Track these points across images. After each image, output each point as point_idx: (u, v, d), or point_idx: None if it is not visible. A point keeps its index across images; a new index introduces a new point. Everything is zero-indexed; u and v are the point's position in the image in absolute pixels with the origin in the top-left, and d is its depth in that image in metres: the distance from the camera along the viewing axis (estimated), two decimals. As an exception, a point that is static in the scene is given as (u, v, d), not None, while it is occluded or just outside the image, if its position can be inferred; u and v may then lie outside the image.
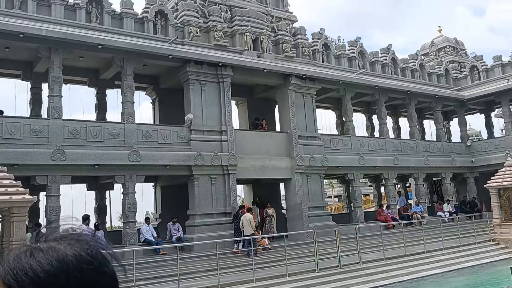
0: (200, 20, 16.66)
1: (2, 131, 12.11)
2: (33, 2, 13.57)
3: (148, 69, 15.84)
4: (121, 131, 13.78)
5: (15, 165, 11.83)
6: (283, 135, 17.47)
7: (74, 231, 0.95)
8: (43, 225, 13.16)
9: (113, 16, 15.02)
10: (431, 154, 22.27)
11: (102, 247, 0.87)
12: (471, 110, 26.38)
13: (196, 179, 14.82)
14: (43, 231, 3.52)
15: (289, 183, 17.23)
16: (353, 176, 19.24)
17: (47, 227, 7.73)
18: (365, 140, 20.24)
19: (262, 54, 17.45)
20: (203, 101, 15.58)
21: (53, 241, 0.86)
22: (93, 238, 0.89)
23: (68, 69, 14.31)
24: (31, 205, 9.93)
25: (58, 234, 0.89)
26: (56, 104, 12.99)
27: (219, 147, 15.40)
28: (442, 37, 29.85)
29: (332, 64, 20.11)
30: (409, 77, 23.14)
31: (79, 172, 13.29)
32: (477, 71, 24.80)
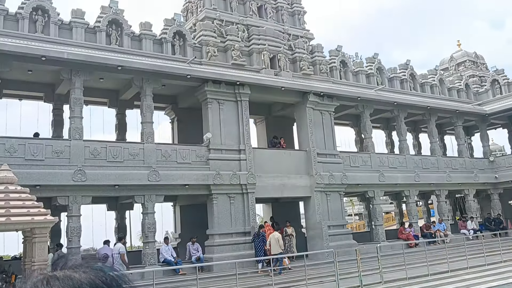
0: (217, 40, 16.82)
1: (25, 153, 12.31)
2: (55, 26, 13.90)
3: (166, 89, 16.00)
4: (140, 151, 13.89)
5: (37, 186, 12.01)
6: (302, 153, 17.39)
7: (92, 255, 0.97)
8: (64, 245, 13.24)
9: (132, 37, 15.27)
10: (453, 170, 21.89)
11: (117, 274, 0.91)
12: (493, 125, 25.92)
13: (215, 199, 14.80)
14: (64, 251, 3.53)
15: (308, 202, 17.08)
16: (374, 194, 18.98)
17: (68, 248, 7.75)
18: (385, 157, 20.01)
19: (279, 72, 17.50)
20: (222, 120, 15.64)
21: (69, 269, 0.89)
22: (107, 265, 0.93)
23: (89, 90, 14.53)
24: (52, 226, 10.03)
25: (75, 261, 0.92)
26: (77, 125, 13.18)
27: (237, 166, 15.39)
28: (461, 52, 29.55)
29: (350, 80, 20.05)
30: (428, 92, 22.90)
31: (99, 192, 13.39)
32: (498, 85, 24.45)
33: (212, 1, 17.77)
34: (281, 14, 19.36)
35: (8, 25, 13.26)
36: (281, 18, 19.31)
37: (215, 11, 17.58)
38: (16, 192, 9.49)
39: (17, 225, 8.99)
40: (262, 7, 18.93)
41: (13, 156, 12.08)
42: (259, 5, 18.85)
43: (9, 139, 12.28)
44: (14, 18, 13.42)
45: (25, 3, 13.59)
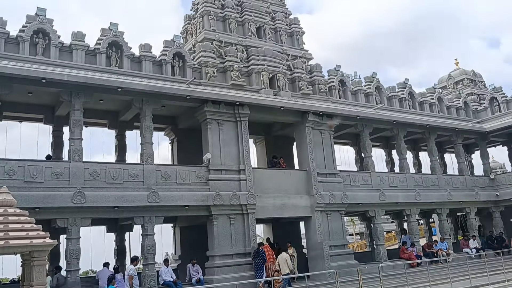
0: (217, 61, 16.94)
1: (25, 175, 12.27)
2: (55, 48, 13.99)
3: (166, 110, 16.06)
4: (140, 172, 13.85)
5: (37, 208, 11.95)
6: (302, 172, 17.35)
7: None
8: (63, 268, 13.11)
9: (132, 59, 15.38)
10: (453, 188, 21.82)
11: None
12: (493, 143, 25.92)
13: (215, 219, 14.71)
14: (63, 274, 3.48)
15: (309, 222, 16.97)
16: (374, 213, 18.87)
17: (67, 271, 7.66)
18: (385, 176, 19.95)
19: (278, 92, 17.58)
20: (221, 140, 15.64)
21: None
22: None
23: (89, 112, 14.56)
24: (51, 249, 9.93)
25: None
26: (76, 146, 13.17)
27: (237, 186, 15.34)
28: (459, 70, 29.76)
29: (349, 100, 20.13)
30: (427, 110, 22.98)
31: (99, 214, 13.30)
32: (497, 103, 24.55)
33: (212, 22, 17.95)
34: (279, 34, 19.54)
35: (9, 48, 13.36)
36: (279, 38, 19.48)
37: (214, 32, 17.74)
38: (15, 215, 9.41)
39: (15, 249, 8.89)
40: (261, 28, 19.12)
41: (12, 178, 12.04)
42: (258, 26, 19.04)
43: (8, 161, 12.25)
44: (15, 41, 13.53)
45: (26, 26, 13.71)
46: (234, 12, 18.69)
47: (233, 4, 18.92)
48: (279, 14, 20.00)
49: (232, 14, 18.51)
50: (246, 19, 18.72)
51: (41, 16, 13.99)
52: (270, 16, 19.79)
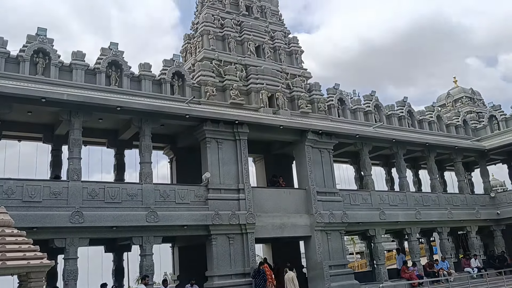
0: (216, 80, 17.02)
1: (23, 194, 12.19)
2: (55, 68, 14.07)
3: (165, 128, 16.06)
4: (138, 192, 13.77)
5: (34, 228, 11.84)
6: (301, 191, 17.27)
7: None
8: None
9: (131, 78, 15.45)
10: (454, 207, 21.70)
11: None
12: (493, 161, 25.88)
13: (214, 239, 14.59)
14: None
15: (308, 241, 16.83)
16: (375, 232, 18.73)
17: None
18: (385, 195, 19.86)
19: (278, 111, 17.62)
20: (220, 159, 15.60)
21: None
22: None
23: (88, 130, 14.57)
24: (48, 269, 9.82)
25: None
26: (75, 166, 13.12)
27: (236, 205, 15.26)
28: (458, 88, 29.89)
29: (348, 118, 20.18)
30: (426, 129, 23.02)
31: (97, 234, 13.18)
32: (496, 121, 24.61)
33: (211, 42, 18.09)
34: (278, 53, 19.67)
35: (9, 67, 13.43)
36: (278, 57, 19.60)
37: (213, 51, 17.87)
38: (12, 236, 9.32)
39: (12, 270, 8.78)
40: (260, 47, 19.26)
41: (10, 198, 11.95)
42: (257, 45, 19.18)
43: (7, 181, 12.17)
44: (15, 61, 13.61)
45: (27, 46, 13.80)
46: (233, 31, 18.85)
47: (232, 23, 19.08)
48: (278, 33, 20.17)
49: (232, 34, 18.66)
50: (245, 38, 18.87)
51: (42, 36, 14.10)
52: (269, 35, 19.95)
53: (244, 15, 19.88)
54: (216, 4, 19.56)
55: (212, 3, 19.46)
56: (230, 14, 19.54)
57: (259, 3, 20.80)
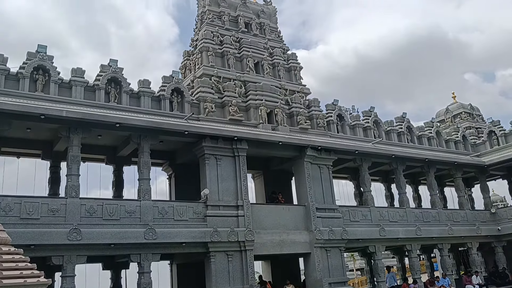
0: (215, 96, 17.07)
1: (21, 211, 12.12)
2: (55, 85, 14.11)
3: (164, 145, 16.06)
4: (137, 209, 13.71)
5: (32, 245, 11.77)
6: (301, 208, 17.18)
7: None
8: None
9: (131, 95, 15.48)
10: (454, 223, 21.57)
11: None
12: (492, 176, 25.78)
13: (212, 257, 14.47)
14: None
15: (308, 258, 16.69)
16: (375, 249, 18.58)
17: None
18: (385, 211, 19.74)
19: (277, 127, 17.63)
20: (219, 176, 15.55)
21: None
22: None
23: (87, 147, 14.57)
24: None
25: None
26: (73, 183, 13.08)
27: (235, 222, 15.17)
28: (457, 104, 29.95)
29: (347, 134, 20.18)
30: (426, 144, 23.02)
31: (95, 251, 13.09)
32: (495, 136, 24.59)
33: (210, 58, 18.18)
34: (277, 70, 19.76)
35: (9, 84, 13.46)
36: (277, 74, 19.69)
37: (212, 68, 17.95)
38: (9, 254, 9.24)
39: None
40: (259, 63, 19.36)
41: (8, 215, 11.89)
42: (256, 61, 19.27)
43: (5, 198, 12.12)
44: (15, 78, 13.64)
45: (27, 63, 13.85)
46: (232, 48, 18.96)
47: (231, 40, 19.20)
48: (277, 50, 20.29)
49: (231, 50, 18.77)
50: (244, 55, 18.97)
51: (42, 53, 14.16)
52: (268, 52, 20.06)
53: (243, 32, 20.01)
54: (215, 21, 19.72)
55: (212, 20, 19.61)
56: (229, 31, 19.67)
57: (258, 20, 20.97)
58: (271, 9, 22.07)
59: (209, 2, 20.07)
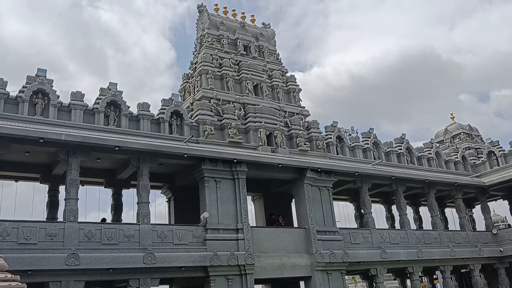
0: (214, 119, 17.09)
1: (18, 236, 11.99)
2: (54, 108, 14.12)
3: (163, 168, 15.99)
4: (136, 233, 13.57)
5: (29, 271, 11.64)
6: (301, 230, 17.03)
7: None
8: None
9: (130, 118, 15.49)
10: (456, 244, 21.38)
11: None
12: (493, 196, 25.68)
13: (212, 281, 14.27)
14: None
15: (309, 282, 16.48)
16: (376, 272, 18.37)
17: None
18: (386, 233, 19.57)
19: (276, 149, 17.60)
20: (219, 199, 15.46)
21: None
22: None
23: (85, 170, 14.49)
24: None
25: None
26: (72, 207, 12.97)
27: (235, 246, 15.01)
28: (455, 124, 30.02)
29: (347, 155, 20.15)
30: (426, 165, 22.98)
31: (93, 276, 12.89)
32: (494, 157, 24.59)
33: (209, 81, 18.26)
34: (276, 92, 19.84)
35: (8, 108, 13.48)
36: (276, 96, 19.76)
37: (212, 90, 18.01)
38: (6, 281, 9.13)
39: (4, 316, 8.56)
40: (258, 86, 19.44)
41: (5, 240, 11.78)
42: (255, 84, 19.36)
43: (2, 222, 11.99)
44: (15, 102, 13.67)
45: (26, 87, 13.89)
46: (231, 70, 19.06)
47: (230, 63, 19.32)
48: (275, 72, 20.40)
49: (230, 73, 18.87)
50: (243, 77, 19.06)
51: (41, 77, 14.21)
52: (267, 74, 20.18)
53: (242, 54, 20.15)
54: (214, 44, 19.86)
55: (211, 43, 19.76)
56: (228, 53, 19.80)
57: (257, 43, 21.13)
58: (269, 32, 22.28)
59: (208, 26, 20.26)
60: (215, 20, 20.65)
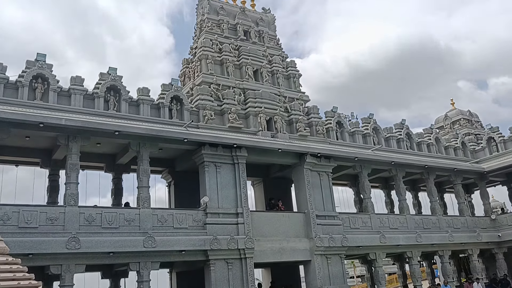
0: (214, 104, 17.06)
1: (19, 220, 12.04)
2: (54, 93, 14.09)
3: (163, 152, 16.02)
4: (136, 217, 13.64)
5: (30, 254, 11.69)
6: (301, 215, 17.12)
7: None
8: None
9: (130, 103, 15.47)
10: (455, 229, 21.50)
11: None
12: (492, 182, 25.75)
13: (212, 265, 14.39)
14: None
15: (308, 266, 16.61)
16: (375, 256, 18.50)
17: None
18: (385, 218, 19.67)
19: (276, 134, 17.61)
20: (219, 183, 15.51)
21: None
22: None
23: (86, 155, 14.52)
24: (43, 298, 9.65)
25: None
26: (72, 191, 13.02)
27: (235, 230, 15.10)
28: (455, 110, 29.99)
29: (347, 141, 20.16)
30: (425, 151, 23.00)
31: (93, 260, 13.00)
32: (494, 143, 24.58)
33: (209, 66, 18.19)
34: (276, 77, 19.77)
35: (8, 93, 13.45)
36: (276, 81, 19.70)
37: (212, 75, 17.95)
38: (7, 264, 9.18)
39: (6, 298, 8.65)
40: (258, 71, 19.37)
41: (6, 224, 11.82)
42: (255, 69, 19.28)
43: (3, 207, 12.05)
44: (14, 86, 13.63)
45: (26, 72, 13.85)
46: (231, 56, 18.98)
47: (230, 48, 19.23)
48: (275, 57, 20.31)
49: (230, 58, 18.79)
50: (243, 62, 18.99)
51: (41, 62, 14.15)
52: (267, 59, 20.09)
53: (242, 39, 20.05)
54: (214, 29, 19.75)
55: (210, 28, 19.65)
56: (228, 38, 19.70)
57: (257, 28, 21.01)
58: (269, 17, 22.13)
59: (208, 11, 20.12)
60: (215, 5, 20.50)
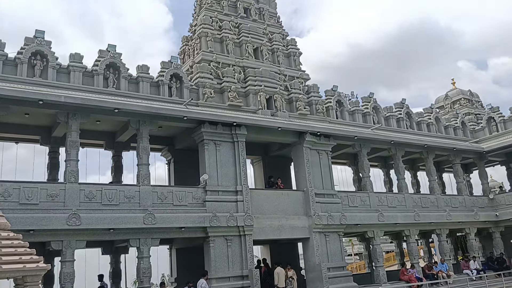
0: (214, 82, 17.00)
1: (20, 197, 12.11)
2: (53, 70, 14.04)
3: (163, 130, 16.03)
4: (136, 194, 13.72)
5: (31, 230, 11.81)
6: (300, 193, 17.22)
7: None
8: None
9: (129, 80, 15.41)
10: (453, 208, 21.66)
11: None
12: (491, 162, 25.86)
13: (211, 241, 14.54)
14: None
15: (307, 243, 16.78)
16: (373, 234, 18.68)
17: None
18: (383, 196, 19.80)
19: (276, 113, 17.60)
20: (218, 161, 15.56)
21: None
22: None
23: (85, 132, 14.53)
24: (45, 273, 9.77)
25: None
26: (72, 168, 13.07)
27: (234, 207, 15.21)
28: (456, 90, 29.90)
29: (347, 120, 20.15)
30: (425, 130, 23.02)
31: (94, 236, 13.13)
32: (494, 123, 24.59)
33: (209, 44, 18.06)
34: (276, 55, 19.64)
35: (7, 69, 13.40)
36: (276, 59, 19.58)
37: (211, 53, 17.84)
38: (8, 239, 9.28)
39: (8, 273, 8.73)
40: (258, 49, 19.23)
41: (7, 200, 11.90)
42: (255, 47, 19.15)
43: (4, 183, 12.11)
44: (13, 63, 13.58)
45: (25, 48, 13.77)
46: (231, 33, 18.82)
47: (230, 25, 19.06)
48: (276, 35, 20.15)
49: (230, 36, 18.64)
50: (243, 40, 18.84)
51: (40, 38, 14.05)
52: (267, 37, 19.93)
53: (242, 17, 19.85)
54: (214, 6, 19.54)
55: (210, 5, 19.44)
56: (228, 16, 19.51)
57: (257, 5, 20.79)
58: (270, -6, 21.86)
59: (208, -13, 19.86)
60: (214, -19, 20.22)
